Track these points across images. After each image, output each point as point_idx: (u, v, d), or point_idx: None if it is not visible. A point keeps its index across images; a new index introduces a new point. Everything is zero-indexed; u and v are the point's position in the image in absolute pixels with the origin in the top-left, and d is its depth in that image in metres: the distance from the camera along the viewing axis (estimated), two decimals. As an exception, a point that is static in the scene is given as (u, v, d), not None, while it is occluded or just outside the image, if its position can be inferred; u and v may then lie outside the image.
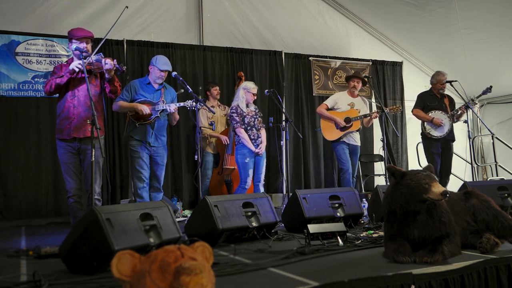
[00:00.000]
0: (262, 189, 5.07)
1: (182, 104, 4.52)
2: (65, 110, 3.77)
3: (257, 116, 5.12)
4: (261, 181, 5.10)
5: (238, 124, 4.94)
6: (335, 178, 6.79)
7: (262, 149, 5.05)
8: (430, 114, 5.58)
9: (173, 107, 4.48)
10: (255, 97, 5.13)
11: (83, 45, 3.82)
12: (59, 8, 5.55)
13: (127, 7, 4.28)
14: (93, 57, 3.76)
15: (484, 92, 5.68)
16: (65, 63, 3.98)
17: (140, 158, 4.39)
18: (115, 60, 3.79)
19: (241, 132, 4.94)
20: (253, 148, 4.94)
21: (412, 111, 5.82)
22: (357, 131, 5.59)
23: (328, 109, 5.66)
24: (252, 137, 4.99)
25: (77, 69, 3.71)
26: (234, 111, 5.00)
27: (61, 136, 3.78)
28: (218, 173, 5.44)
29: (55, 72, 3.87)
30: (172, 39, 6.07)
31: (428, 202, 2.32)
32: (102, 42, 3.88)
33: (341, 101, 5.64)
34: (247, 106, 5.06)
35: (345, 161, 5.53)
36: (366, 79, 5.69)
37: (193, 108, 4.41)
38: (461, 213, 2.61)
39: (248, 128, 4.99)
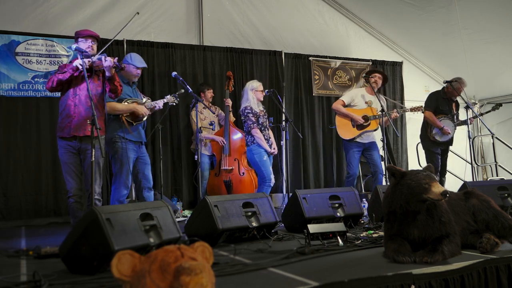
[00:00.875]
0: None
1: (164, 100, 4.55)
2: (66, 108, 3.76)
3: (266, 116, 5.12)
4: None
5: (255, 124, 4.93)
6: (334, 178, 6.80)
7: (276, 149, 5.04)
8: (440, 121, 5.54)
9: (161, 104, 4.48)
10: (263, 93, 5.09)
11: (88, 44, 3.82)
12: (59, 8, 5.55)
13: (137, 13, 4.31)
14: (95, 56, 3.76)
15: (494, 109, 5.77)
16: (69, 63, 3.96)
17: (130, 164, 4.26)
18: (116, 58, 3.78)
19: (257, 132, 4.93)
20: (268, 148, 4.95)
21: (424, 112, 5.65)
22: (374, 130, 5.36)
23: (344, 106, 5.39)
24: (266, 138, 5.00)
25: (80, 67, 3.67)
26: (249, 111, 4.95)
27: (62, 134, 3.76)
28: (215, 174, 5.41)
29: (59, 70, 3.85)
30: (172, 39, 6.07)
31: (428, 202, 2.32)
32: (108, 44, 3.90)
33: (358, 98, 5.39)
34: (258, 106, 5.05)
35: (354, 166, 5.29)
36: (386, 77, 5.55)
37: (174, 103, 4.68)
38: (461, 213, 2.61)
39: (262, 128, 4.98)
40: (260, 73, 6.47)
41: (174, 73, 4.53)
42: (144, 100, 4.48)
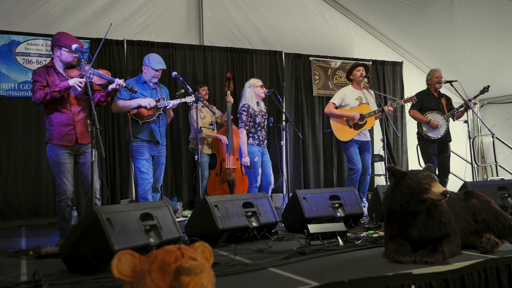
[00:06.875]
0: (270, 192, 5.01)
1: (183, 99, 4.50)
2: (63, 117, 3.57)
3: (266, 116, 5.05)
4: (271, 183, 5.03)
5: (243, 124, 4.81)
6: (335, 178, 6.79)
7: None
8: (427, 115, 5.49)
9: (175, 103, 4.47)
10: (264, 89, 4.99)
11: (72, 55, 3.56)
12: (59, 8, 5.55)
13: (111, 24, 4.18)
14: (94, 75, 3.60)
15: (482, 92, 5.60)
16: (43, 68, 3.59)
17: (145, 160, 4.32)
18: (122, 79, 3.77)
19: (242, 132, 4.81)
20: (245, 152, 4.78)
21: (409, 112, 5.72)
22: (371, 127, 5.28)
23: (336, 108, 5.36)
24: (261, 139, 4.90)
25: (79, 89, 3.49)
26: (244, 109, 4.83)
27: (62, 143, 3.56)
28: (216, 174, 5.40)
29: (38, 80, 3.48)
30: (172, 39, 6.07)
31: (428, 202, 2.32)
32: (100, 48, 3.87)
33: (348, 97, 5.36)
34: (258, 104, 4.96)
35: (356, 162, 5.25)
36: (367, 66, 5.52)
37: (194, 104, 4.50)
38: (461, 213, 2.61)
39: (259, 129, 4.89)
40: (260, 73, 6.47)
41: (174, 73, 4.53)
42: (157, 99, 4.46)
